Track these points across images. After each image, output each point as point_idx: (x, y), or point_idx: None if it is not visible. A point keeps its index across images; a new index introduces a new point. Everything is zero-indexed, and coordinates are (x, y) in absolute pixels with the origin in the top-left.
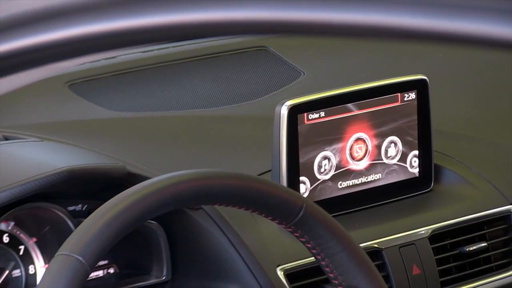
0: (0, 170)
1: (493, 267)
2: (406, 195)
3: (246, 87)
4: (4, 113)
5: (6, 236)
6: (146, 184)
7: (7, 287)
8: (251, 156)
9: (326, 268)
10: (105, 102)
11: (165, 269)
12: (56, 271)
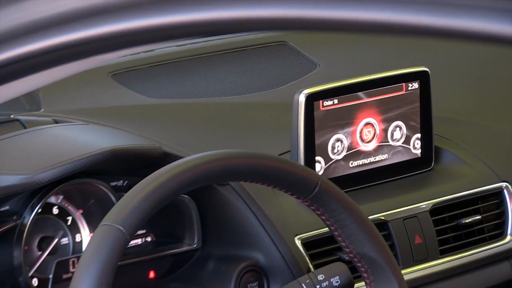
0: (51, 149)
1: (486, 237)
2: (409, 174)
3: (268, 77)
4: (54, 99)
5: (56, 208)
6: (180, 162)
7: (57, 253)
8: (272, 138)
9: (338, 237)
10: (143, 90)
11: (196, 238)
12: (100, 239)
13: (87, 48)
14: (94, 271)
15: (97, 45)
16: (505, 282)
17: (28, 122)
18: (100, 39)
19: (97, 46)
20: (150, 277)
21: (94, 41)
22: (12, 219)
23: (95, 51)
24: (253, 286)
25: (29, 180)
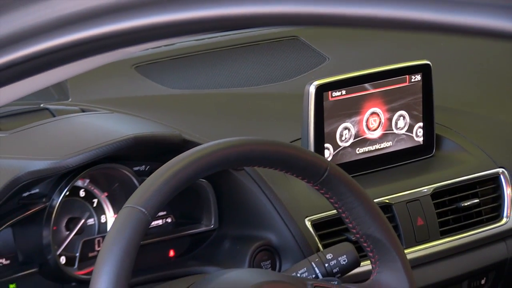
0: (78, 136)
1: (484, 219)
2: (412, 160)
3: (280, 69)
4: (81, 90)
5: (82, 191)
6: (198, 149)
7: (83, 233)
8: (284, 126)
9: (346, 219)
10: (164, 81)
11: (213, 219)
12: (123, 220)
13: (113, 41)
14: (118, 250)
15: (122, 39)
16: (501, 261)
17: (57, 111)
18: (125, 34)
19: (121, 40)
20: (170, 256)
21: (119, 35)
22: (42, 201)
23: (120, 45)
24: (266, 264)
25: (57, 165)
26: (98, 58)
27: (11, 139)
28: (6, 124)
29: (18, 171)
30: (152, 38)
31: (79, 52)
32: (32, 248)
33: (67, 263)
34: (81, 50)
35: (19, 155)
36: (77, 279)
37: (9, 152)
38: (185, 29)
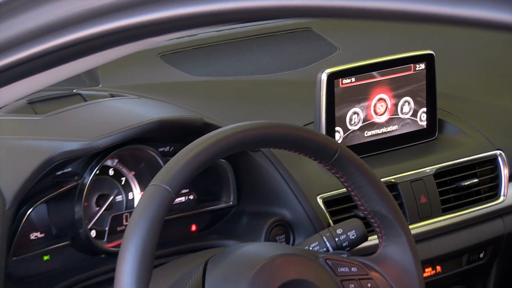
0: (108, 119)
1: (482, 198)
2: (416, 142)
3: (294, 58)
4: (111, 76)
5: (111, 170)
6: (218, 131)
7: (112, 208)
8: (298, 111)
9: (355, 197)
10: (188, 69)
11: (232, 196)
12: (149, 197)
13: (141, 32)
14: (144, 225)
15: (149, 29)
16: (498, 236)
17: (88, 96)
18: (152, 24)
19: (148, 30)
20: (192, 230)
21: (147, 26)
22: (74, 179)
23: (147, 35)
24: (280, 238)
25: (89, 146)
26: (127, 47)
27: (46, 122)
28: (41, 108)
29: (52, 151)
30: (176, 29)
31: (111, 41)
32: (64, 223)
33: (97, 236)
34: (112, 39)
35: (54, 137)
36: (106, 251)
37: (44, 133)
38: (207, 21)
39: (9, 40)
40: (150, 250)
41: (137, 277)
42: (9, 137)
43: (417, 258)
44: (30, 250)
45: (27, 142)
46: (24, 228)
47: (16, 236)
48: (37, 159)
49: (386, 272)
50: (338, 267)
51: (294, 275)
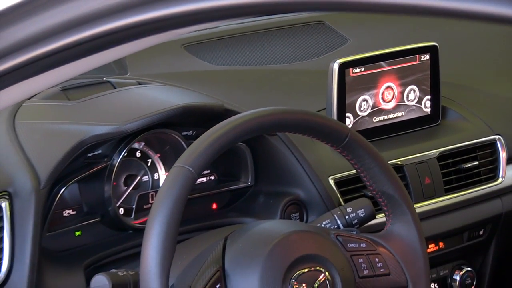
0: (135, 105)
1: (482, 179)
2: (421, 127)
3: (308, 49)
4: (138, 65)
5: (138, 152)
6: (238, 117)
7: (139, 188)
8: (311, 98)
9: (364, 178)
10: (209, 58)
11: (250, 177)
12: (173, 177)
13: (166, 24)
14: (168, 203)
15: (174, 21)
16: (496, 215)
17: (117, 83)
18: (176, 17)
19: (173, 22)
20: (213, 208)
21: (172, 19)
22: (104, 160)
23: (172, 27)
24: (295, 216)
25: (117, 130)
26: (153, 38)
27: (78, 107)
28: (74, 95)
29: (83, 135)
30: (200, 21)
31: (139, 32)
32: (95, 201)
33: (125, 213)
34: (141, 30)
35: (85, 121)
36: (133, 228)
37: (76, 118)
38: (228, 14)
39: (50, 29)
40: (174, 227)
41: (162, 252)
42: (44, 121)
43: (421, 235)
44: (63, 226)
45: (61, 126)
46: (58, 206)
47: (50, 213)
48: (69, 142)
49: (393, 248)
50: (348, 243)
51: (308, 250)
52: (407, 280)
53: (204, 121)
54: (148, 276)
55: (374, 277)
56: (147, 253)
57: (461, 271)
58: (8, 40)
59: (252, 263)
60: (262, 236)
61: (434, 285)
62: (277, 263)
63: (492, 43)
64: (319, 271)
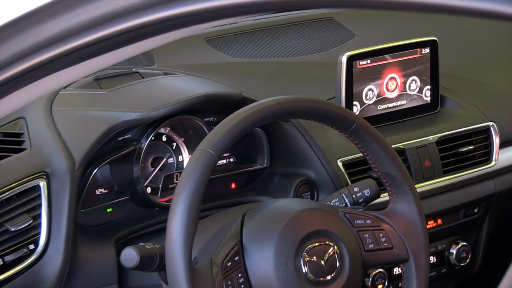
0: (162, 94)
1: (477, 162)
2: (421, 115)
3: (319, 43)
4: (164, 57)
5: (164, 136)
6: (254, 104)
7: (165, 169)
8: (321, 88)
9: (369, 160)
10: (229, 51)
11: (265, 159)
12: (196, 160)
13: (191, 19)
14: (191, 183)
15: (197, 17)
16: (490, 195)
17: (145, 74)
18: (199, 13)
19: (197, 18)
20: (232, 188)
21: (195, 14)
22: (133, 144)
23: (196, 22)
24: (306, 195)
25: (145, 116)
26: (178, 32)
27: (109, 96)
28: (106, 84)
29: (114, 121)
30: (221, 17)
31: (166, 26)
32: (125, 181)
33: (152, 192)
34: (168, 25)
35: (116, 108)
36: (159, 205)
37: (108, 105)
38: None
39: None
40: (197, 205)
41: (186, 227)
42: (79, 108)
43: (421, 212)
44: (96, 203)
45: (94, 112)
46: (91, 185)
47: (84, 191)
48: (101, 127)
49: (396, 224)
50: (355, 219)
51: (318, 226)
52: (408, 253)
53: (224, 108)
54: (173, 249)
55: (378, 250)
56: (172, 228)
57: (457, 245)
58: (48, 33)
59: (267, 238)
60: (277, 213)
61: (433, 258)
62: (290, 237)
63: (487, 38)
64: (328, 245)
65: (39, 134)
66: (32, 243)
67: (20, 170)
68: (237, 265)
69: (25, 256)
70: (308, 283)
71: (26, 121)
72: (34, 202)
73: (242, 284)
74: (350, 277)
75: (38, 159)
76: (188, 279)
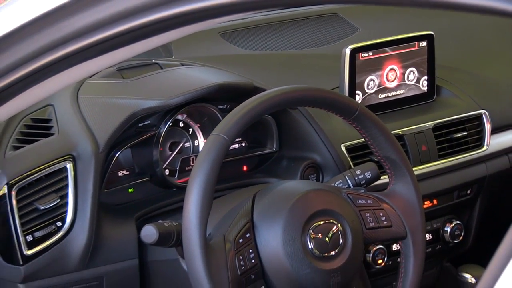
0: (179, 83)
1: (470, 147)
2: (418, 103)
3: (324, 37)
4: (181, 50)
5: (181, 122)
6: (265, 93)
7: (182, 152)
8: (327, 78)
9: (371, 145)
10: (241, 44)
11: (275, 144)
12: (211, 144)
13: (206, 13)
14: (206, 166)
15: (211, 12)
16: (482, 177)
17: (164, 65)
18: (214, 8)
19: (211, 12)
20: (244, 170)
21: (210, 9)
22: (152, 129)
23: (210, 16)
24: (312, 177)
25: (164, 104)
26: (195, 26)
27: (131, 85)
28: (127, 74)
29: (135, 108)
30: (234, 12)
31: (184, 20)
32: (145, 163)
33: (170, 174)
34: (185, 19)
35: (137, 96)
36: (177, 186)
37: (130, 94)
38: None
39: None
40: (211, 186)
41: (201, 206)
42: (103, 96)
43: (419, 193)
44: (118, 184)
45: (116, 100)
46: (113, 167)
47: (107, 173)
48: (124, 114)
49: (395, 204)
50: (357, 199)
51: (323, 206)
52: (406, 231)
53: (237, 96)
54: (189, 227)
55: (379, 228)
56: (188, 207)
57: (451, 223)
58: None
59: (276, 216)
60: (285, 193)
61: (429, 236)
62: (297, 216)
63: (481, 33)
64: (332, 223)
65: (66, 120)
66: (60, 221)
67: (48, 153)
68: (248, 241)
69: (53, 233)
70: (314, 258)
71: (54, 108)
72: (61, 183)
73: (252, 259)
74: (352, 252)
75: (65, 143)
76: (203, 254)
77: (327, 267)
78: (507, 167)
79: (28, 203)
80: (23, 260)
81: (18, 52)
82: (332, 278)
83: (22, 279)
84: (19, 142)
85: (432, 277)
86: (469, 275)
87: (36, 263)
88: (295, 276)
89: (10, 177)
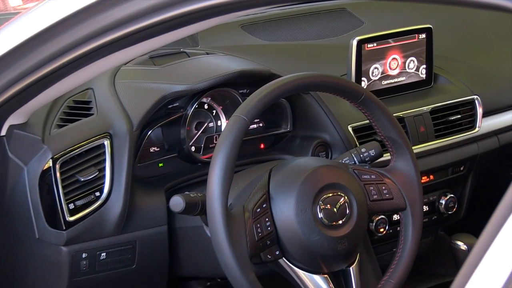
0: (204, 70)
1: (463, 128)
2: (418, 89)
3: (333, 29)
4: (207, 40)
5: (206, 105)
6: (280, 79)
7: (206, 131)
8: (335, 66)
9: (375, 126)
10: (260, 35)
11: (289, 124)
12: (232, 124)
13: (230, 7)
14: (228, 143)
15: (235, 5)
16: (473, 155)
17: (191, 53)
18: (238, 2)
19: (235, 6)
20: (261, 148)
21: (234, 3)
22: (180, 111)
23: (233, 10)
24: (322, 154)
25: (191, 88)
26: (219, 18)
27: (162, 71)
28: (158, 61)
29: (165, 91)
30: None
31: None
32: (173, 141)
33: (196, 150)
34: (210, 12)
35: (167, 81)
36: (201, 161)
37: (160, 79)
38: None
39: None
40: (232, 161)
41: (223, 179)
42: (136, 81)
43: (417, 169)
44: (150, 159)
45: (149, 84)
46: (146, 144)
47: (140, 149)
48: (155, 97)
49: (396, 179)
50: (362, 174)
51: (332, 180)
52: (406, 203)
53: (255, 82)
54: (213, 197)
55: (381, 200)
56: (212, 180)
57: (446, 197)
58: (115, 17)
59: (290, 189)
60: (298, 168)
61: (426, 207)
62: (308, 189)
63: (475, 25)
64: (340, 195)
65: (104, 102)
66: (98, 191)
67: (88, 131)
68: (265, 211)
69: (92, 201)
70: (323, 227)
71: (94, 91)
72: (99, 158)
73: (268, 227)
74: (357, 222)
75: (103, 122)
76: (224, 222)
77: (335, 235)
78: (496, 146)
79: (70, 175)
80: (65, 225)
81: (71, 37)
82: (339, 244)
83: (65, 242)
84: (62, 121)
85: (428, 244)
86: (461, 243)
87: (77, 228)
88: (306, 242)
89: (55, 152)
